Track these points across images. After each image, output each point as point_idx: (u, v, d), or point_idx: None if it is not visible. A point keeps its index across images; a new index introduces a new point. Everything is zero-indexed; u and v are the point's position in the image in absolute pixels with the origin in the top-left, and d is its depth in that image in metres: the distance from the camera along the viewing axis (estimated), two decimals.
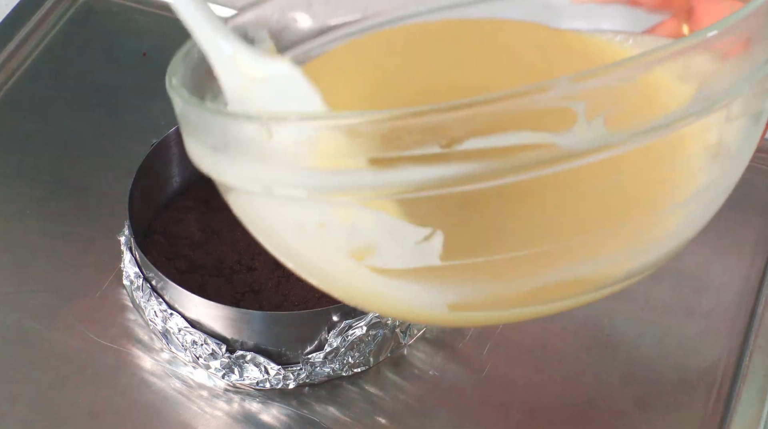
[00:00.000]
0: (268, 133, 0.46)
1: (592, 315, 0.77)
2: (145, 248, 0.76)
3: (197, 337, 0.71)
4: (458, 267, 0.49)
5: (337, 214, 0.48)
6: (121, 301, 0.77)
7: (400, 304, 0.51)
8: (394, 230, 0.47)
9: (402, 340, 0.74)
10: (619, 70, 0.44)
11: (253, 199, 0.50)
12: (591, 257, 0.50)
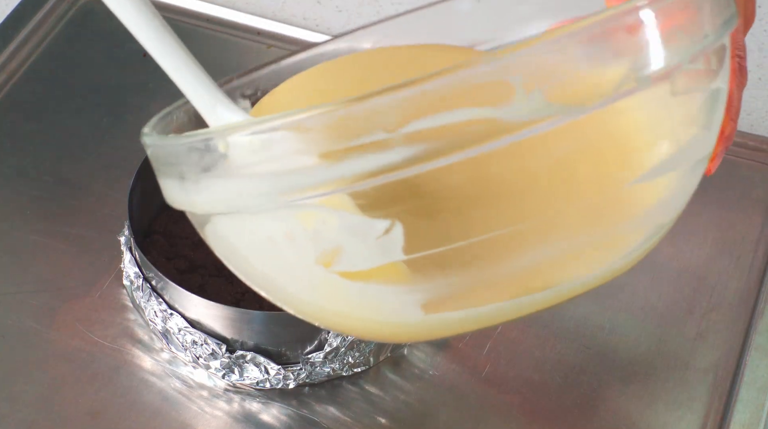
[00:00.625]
0: (224, 144, 0.48)
1: (592, 315, 0.77)
2: (145, 248, 0.76)
3: (197, 337, 0.71)
4: (424, 260, 0.49)
5: (300, 220, 0.49)
6: (121, 301, 0.77)
7: (374, 315, 0.51)
8: (355, 227, 0.48)
9: None
10: (546, 42, 0.45)
11: (225, 224, 0.52)
12: (558, 238, 0.50)
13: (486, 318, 0.52)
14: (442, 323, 0.52)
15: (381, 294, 0.50)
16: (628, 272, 0.78)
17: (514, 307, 0.52)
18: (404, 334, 0.54)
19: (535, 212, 0.50)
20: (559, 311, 0.77)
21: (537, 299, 0.52)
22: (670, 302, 0.78)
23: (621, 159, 0.51)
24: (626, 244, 0.53)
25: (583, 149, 0.50)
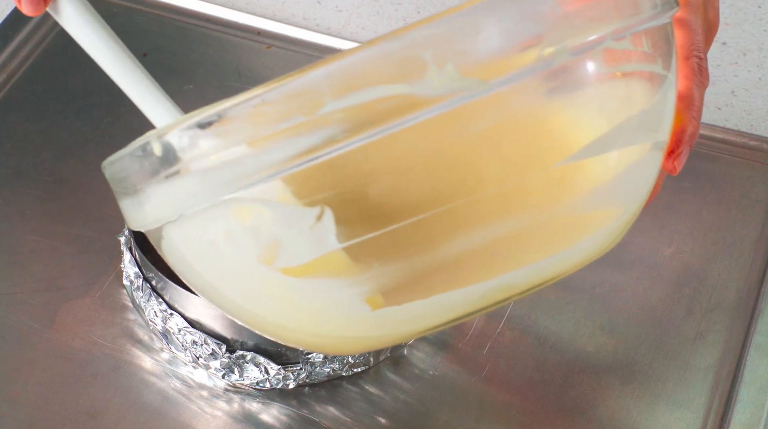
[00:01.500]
0: (159, 146, 0.49)
1: (592, 315, 0.76)
2: (145, 248, 0.75)
3: (197, 337, 0.71)
4: (360, 248, 0.49)
5: (238, 216, 0.49)
6: (121, 301, 0.77)
7: (322, 317, 0.51)
8: (289, 217, 0.48)
9: None
10: (455, 15, 0.46)
11: (174, 234, 0.53)
12: (494, 219, 0.50)
13: (438, 312, 0.51)
14: (393, 321, 0.51)
15: (325, 290, 0.50)
16: (628, 272, 0.78)
17: (466, 298, 0.51)
18: (355, 338, 0.53)
19: (463, 192, 0.49)
20: (558, 312, 0.76)
21: (492, 288, 0.51)
22: (670, 302, 0.77)
23: (547, 137, 0.50)
24: (576, 229, 0.53)
25: (508, 127, 0.49)
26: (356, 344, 0.55)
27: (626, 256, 0.80)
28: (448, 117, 0.47)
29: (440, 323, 0.53)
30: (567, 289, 0.78)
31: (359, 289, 0.50)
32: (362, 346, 0.56)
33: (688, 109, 0.57)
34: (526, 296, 0.54)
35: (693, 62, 0.58)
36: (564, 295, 0.78)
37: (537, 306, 0.77)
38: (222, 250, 0.51)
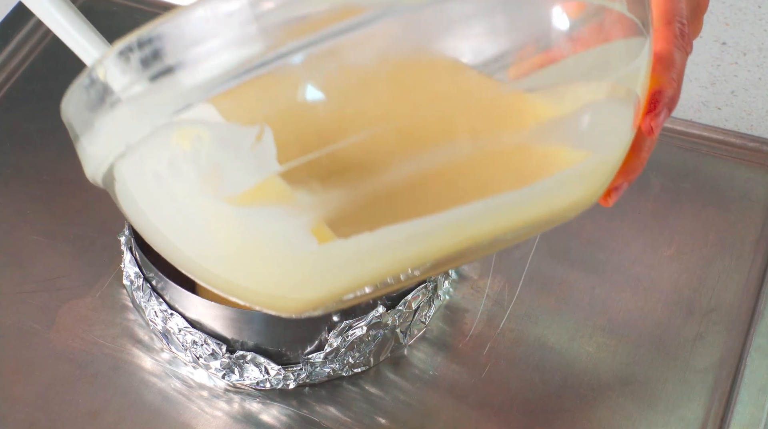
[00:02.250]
0: (102, 71, 0.50)
1: (592, 315, 0.76)
2: (146, 248, 0.75)
3: (197, 337, 0.71)
4: (302, 172, 0.48)
5: (179, 141, 0.49)
6: (121, 301, 0.77)
7: (268, 253, 0.50)
8: (228, 138, 0.48)
9: (402, 341, 0.74)
10: None
11: (122, 172, 0.52)
12: (440, 143, 0.48)
13: (389, 250, 0.50)
14: (342, 258, 0.50)
15: (268, 221, 0.49)
16: (628, 273, 0.78)
17: (417, 235, 0.49)
18: (304, 280, 0.51)
19: (406, 112, 0.48)
20: (558, 312, 0.77)
21: (443, 225, 0.50)
22: (670, 303, 0.77)
23: (492, 59, 0.49)
24: (531, 165, 0.51)
25: (447, 43, 0.49)
26: (305, 289, 0.52)
27: (626, 257, 0.80)
28: (386, 30, 0.46)
29: (395, 268, 0.51)
30: (567, 289, 0.78)
31: (303, 218, 0.49)
32: (312, 292, 0.53)
33: (666, 70, 0.56)
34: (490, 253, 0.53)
35: (675, 27, 0.57)
36: (564, 295, 0.78)
37: (537, 306, 0.77)
38: (167, 182, 0.50)
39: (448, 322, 0.76)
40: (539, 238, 0.81)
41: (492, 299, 0.77)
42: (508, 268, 0.79)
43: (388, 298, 0.71)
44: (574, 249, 0.80)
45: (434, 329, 0.76)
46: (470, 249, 0.52)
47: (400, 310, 0.72)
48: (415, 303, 0.73)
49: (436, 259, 0.51)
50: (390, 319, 0.71)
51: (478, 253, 0.55)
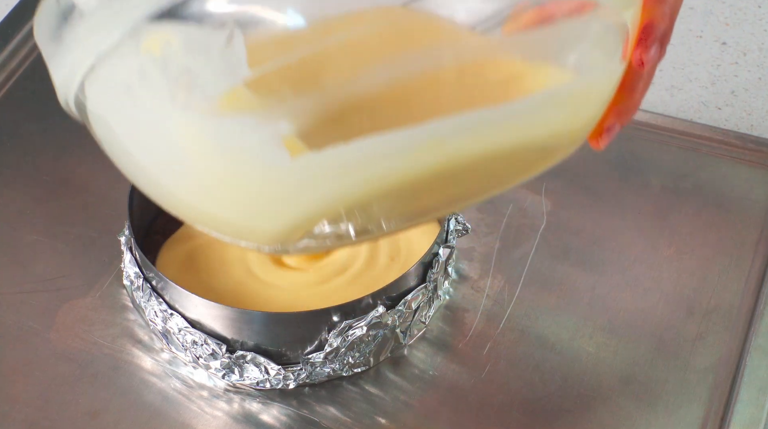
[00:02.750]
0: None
1: (592, 315, 0.76)
2: (146, 248, 0.76)
3: (197, 337, 0.71)
4: (272, 77, 0.47)
5: (148, 48, 0.48)
6: (121, 301, 0.77)
7: (239, 169, 0.49)
8: (197, 43, 0.47)
9: (402, 340, 0.74)
10: None
11: (94, 91, 0.51)
12: (408, 49, 0.47)
13: (364, 165, 0.48)
14: (316, 173, 0.48)
15: (239, 131, 0.48)
16: (628, 273, 0.78)
17: (392, 149, 0.48)
18: (276, 199, 0.49)
19: (384, 16, 0.47)
20: (558, 312, 0.77)
21: (418, 140, 0.48)
22: (670, 302, 0.77)
23: None
24: (505, 81, 0.50)
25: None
26: (277, 210, 0.50)
27: (626, 257, 0.80)
28: None
29: (371, 188, 0.49)
30: (567, 289, 0.78)
31: (274, 126, 0.47)
32: (285, 214, 0.51)
33: (659, 3, 0.54)
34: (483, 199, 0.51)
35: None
36: (564, 295, 0.78)
37: (537, 306, 0.77)
38: (137, 93, 0.49)
39: (448, 322, 0.76)
40: (539, 238, 0.81)
41: (492, 299, 0.77)
42: (508, 267, 0.79)
43: (387, 297, 0.71)
44: (574, 249, 0.80)
45: (434, 329, 0.76)
46: (452, 176, 0.50)
47: (400, 310, 0.72)
48: (415, 303, 0.73)
49: (414, 183, 0.49)
50: (390, 319, 0.71)
51: (463, 190, 0.53)
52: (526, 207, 0.83)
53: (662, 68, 0.95)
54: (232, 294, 0.74)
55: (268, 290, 0.74)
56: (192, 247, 0.77)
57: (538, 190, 0.84)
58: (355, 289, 0.74)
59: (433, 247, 0.73)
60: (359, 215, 0.52)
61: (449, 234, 0.76)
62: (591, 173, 0.85)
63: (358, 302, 0.70)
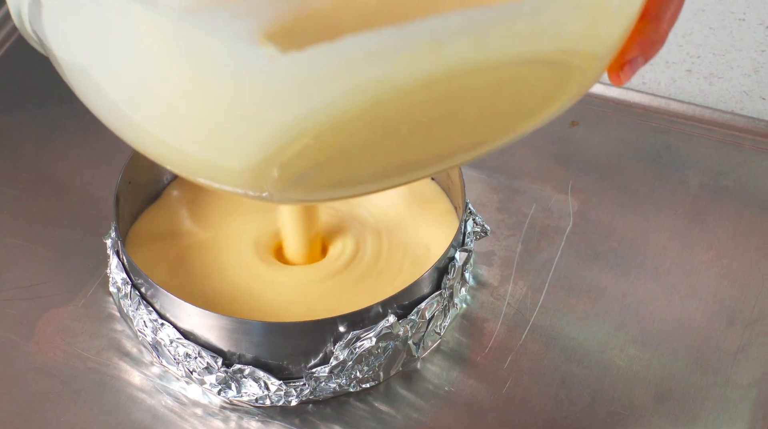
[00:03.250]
0: None
1: (623, 325, 0.76)
2: (135, 251, 0.76)
3: (191, 350, 0.71)
4: None
5: None
6: (107, 310, 0.77)
7: (211, 74, 0.47)
8: None
9: (415, 353, 0.74)
10: None
11: (54, 12, 0.50)
12: None
13: (351, 71, 0.46)
14: (298, 79, 0.46)
15: (210, 28, 0.46)
16: (663, 280, 0.78)
17: (390, 47, 0.46)
18: (253, 115, 0.47)
19: None
20: (587, 322, 0.77)
21: (417, 36, 0.46)
22: (708, 312, 0.77)
23: None
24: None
25: None
26: (253, 128, 0.49)
27: (660, 261, 0.80)
28: None
29: (362, 99, 0.47)
30: (596, 297, 0.78)
31: (250, 21, 0.45)
32: (262, 133, 0.49)
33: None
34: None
35: None
36: (593, 303, 0.78)
37: (563, 315, 0.77)
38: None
39: (465, 333, 0.76)
40: (565, 241, 0.81)
41: (513, 308, 0.77)
42: (531, 273, 0.79)
43: (399, 306, 0.71)
44: (603, 252, 0.80)
45: (450, 340, 0.76)
46: (450, 98, 0.48)
47: (413, 319, 0.72)
48: (429, 312, 0.73)
49: (407, 104, 0.48)
50: (401, 330, 0.71)
51: (461, 124, 0.51)
52: (551, 206, 0.83)
53: (700, 55, 0.95)
54: (229, 299, 0.74)
55: (268, 294, 0.75)
56: (182, 247, 0.77)
57: (564, 187, 0.83)
58: (363, 294, 0.74)
59: (449, 251, 0.73)
60: (347, 143, 0.50)
61: (466, 236, 0.76)
62: (622, 169, 0.85)
63: (367, 311, 0.70)
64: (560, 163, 0.86)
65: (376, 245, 0.77)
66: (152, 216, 0.79)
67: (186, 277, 0.75)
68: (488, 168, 0.85)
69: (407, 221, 0.79)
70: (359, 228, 0.78)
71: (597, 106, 0.90)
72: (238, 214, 0.79)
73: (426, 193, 0.80)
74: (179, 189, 0.80)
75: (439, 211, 0.79)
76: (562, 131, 0.88)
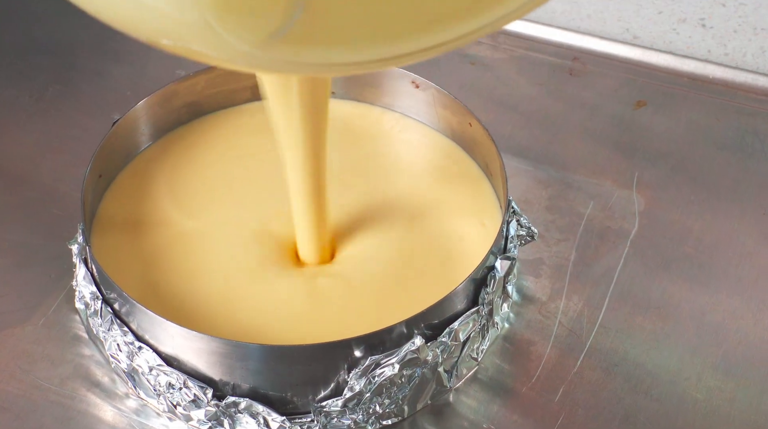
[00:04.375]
0: None
1: (700, 349, 0.76)
2: (106, 259, 0.76)
3: (174, 379, 0.71)
4: None
5: None
6: (72, 331, 0.77)
7: None
8: None
9: (447, 383, 0.74)
10: None
11: None
12: None
13: None
14: None
15: None
16: (748, 294, 0.78)
17: None
18: None
19: None
20: (656, 346, 0.76)
21: None
22: None
23: None
24: None
25: None
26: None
27: (746, 271, 0.80)
28: None
29: None
30: (667, 314, 0.78)
31: None
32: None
33: None
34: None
35: None
36: (663, 322, 0.77)
37: (627, 337, 0.77)
38: None
39: (507, 359, 0.77)
40: (629, 246, 0.81)
41: (566, 328, 0.77)
42: (588, 285, 0.79)
43: (427, 325, 0.71)
44: (676, 260, 0.81)
45: (489, 368, 0.76)
46: None
47: (444, 342, 0.72)
48: (464, 333, 0.73)
49: None
50: (430, 354, 0.71)
51: None
52: (612, 204, 0.83)
53: None
54: (219, 312, 0.74)
55: (268, 305, 0.75)
56: (161, 240, 0.78)
57: (628, 181, 0.84)
58: (384, 309, 0.74)
59: (488, 259, 0.73)
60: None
61: (509, 241, 0.76)
62: (699, 159, 0.86)
63: (388, 332, 0.70)
64: (623, 151, 0.86)
65: (402, 242, 0.78)
66: (123, 199, 0.79)
67: (165, 282, 0.76)
68: (535, 158, 0.85)
69: (440, 210, 0.79)
70: (381, 220, 0.78)
71: (667, 82, 0.90)
72: (230, 199, 0.79)
73: (467, 174, 0.81)
74: (156, 163, 0.81)
75: (482, 198, 0.79)
76: (625, 113, 0.89)
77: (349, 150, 0.84)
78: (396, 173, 0.82)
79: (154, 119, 0.82)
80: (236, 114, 0.86)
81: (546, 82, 0.94)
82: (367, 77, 0.85)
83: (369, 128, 0.86)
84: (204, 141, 0.84)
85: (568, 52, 0.97)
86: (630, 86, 0.92)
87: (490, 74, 0.95)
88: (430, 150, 0.84)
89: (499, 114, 0.91)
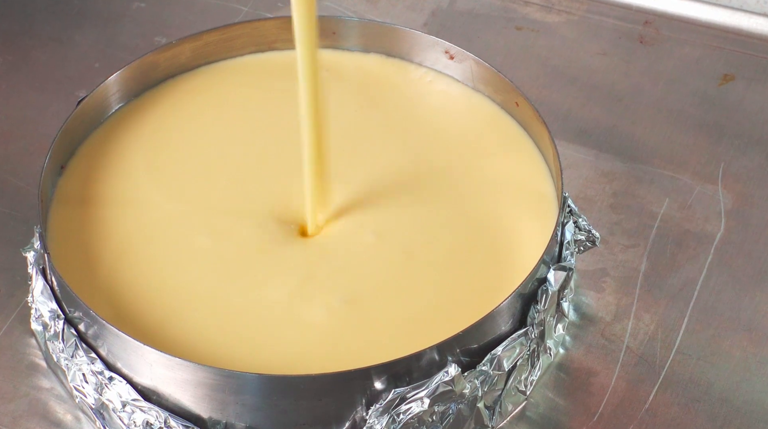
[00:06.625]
0: None
1: None
2: (69, 269, 0.76)
3: (154, 417, 0.71)
4: None
5: None
6: (27, 358, 0.78)
7: None
8: None
9: (488, 421, 0.74)
10: None
11: None
12: None
13: None
14: None
15: None
16: None
17: None
18: None
19: None
20: (748, 375, 0.77)
21: None
22: None
23: None
24: None
25: None
26: None
27: None
28: None
29: None
30: (760, 338, 0.78)
31: None
32: None
33: None
34: None
35: None
36: (756, 347, 0.78)
37: (712, 365, 0.77)
38: None
39: (562, 392, 0.77)
40: (713, 254, 0.81)
41: (636, 354, 0.78)
42: (663, 302, 0.80)
43: (464, 351, 0.71)
44: None
45: (540, 403, 0.76)
46: None
47: (485, 371, 0.72)
48: (509, 360, 0.73)
49: None
50: (467, 387, 0.72)
51: None
52: (692, 203, 0.83)
53: None
54: (208, 324, 0.74)
55: (265, 308, 0.75)
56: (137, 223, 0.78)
57: (713, 175, 0.84)
58: (410, 330, 0.74)
59: (539, 269, 0.73)
60: None
61: (564, 247, 0.76)
62: None
63: (416, 358, 0.70)
64: (706, 136, 0.86)
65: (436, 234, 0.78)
66: (85, 169, 0.80)
67: (140, 297, 0.76)
68: (597, 145, 0.86)
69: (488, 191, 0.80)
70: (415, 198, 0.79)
71: (760, 51, 0.90)
72: (219, 177, 0.81)
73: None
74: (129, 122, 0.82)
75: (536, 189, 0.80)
76: (708, 89, 0.89)
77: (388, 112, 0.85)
78: (435, 140, 0.83)
79: (128, 98, 0.82)
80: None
81: (611, 52, 0.94)
82: (393, 46, 0.85)
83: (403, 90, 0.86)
84: (181, 104, 0.84)
85: (638, 14, 0.97)
86: (714, 57, 0.92)
87: (541, 42, 0.95)
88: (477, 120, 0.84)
89: (553, 91, 0.91)
